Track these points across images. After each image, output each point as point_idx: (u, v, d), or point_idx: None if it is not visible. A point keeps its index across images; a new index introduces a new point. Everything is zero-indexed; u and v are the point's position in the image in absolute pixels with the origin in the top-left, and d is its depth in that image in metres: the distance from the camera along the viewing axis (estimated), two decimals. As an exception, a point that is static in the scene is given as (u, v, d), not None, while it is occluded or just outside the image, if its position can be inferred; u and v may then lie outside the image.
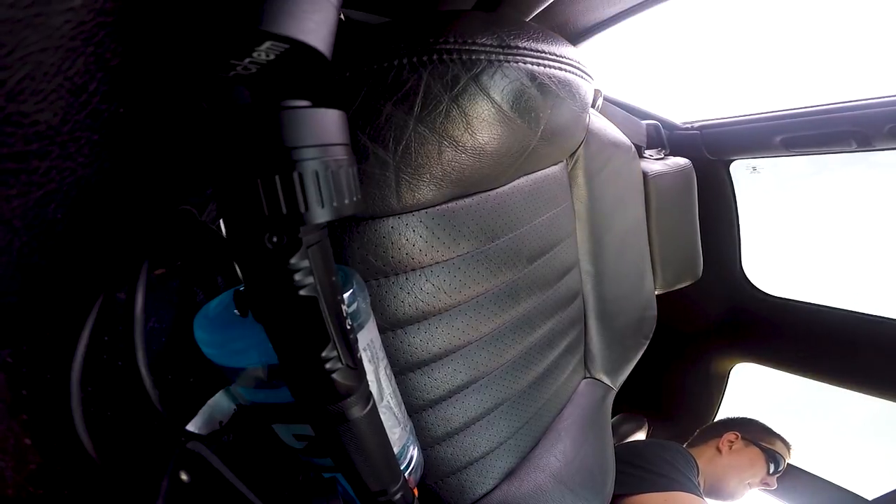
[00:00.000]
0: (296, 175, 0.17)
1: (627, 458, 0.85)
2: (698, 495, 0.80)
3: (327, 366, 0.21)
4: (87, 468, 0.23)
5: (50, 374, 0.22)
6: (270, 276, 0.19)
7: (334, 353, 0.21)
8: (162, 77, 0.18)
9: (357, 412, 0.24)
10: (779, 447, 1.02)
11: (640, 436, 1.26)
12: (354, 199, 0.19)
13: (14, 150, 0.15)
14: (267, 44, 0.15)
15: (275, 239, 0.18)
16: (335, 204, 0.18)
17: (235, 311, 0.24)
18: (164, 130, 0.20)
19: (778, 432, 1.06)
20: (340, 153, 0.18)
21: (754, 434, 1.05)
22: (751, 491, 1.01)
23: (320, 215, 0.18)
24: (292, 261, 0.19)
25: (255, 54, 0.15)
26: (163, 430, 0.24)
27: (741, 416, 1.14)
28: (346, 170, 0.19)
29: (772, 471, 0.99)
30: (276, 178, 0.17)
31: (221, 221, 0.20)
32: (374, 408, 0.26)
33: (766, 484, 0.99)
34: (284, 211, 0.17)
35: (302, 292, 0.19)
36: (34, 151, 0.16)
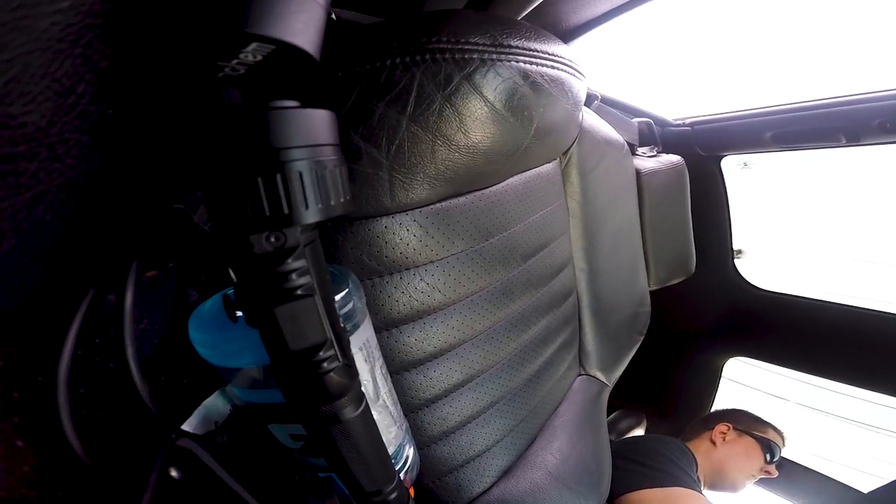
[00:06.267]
0: (286, 174, 0.17)
1: (626, 454, 0.85)
2: (697, 490, 0.80)
3: (324, 365, 0.21)
4: (81, 470, 0.23)
5: (41, 377, 0.22)
6: (266, 277, 0.19)
7: (331, 352, 0.22)
8: (151, 78, 0.18)
9: (350, 413, 0.24)
10: (771, 435, 1.02)
11: (639, 431, 1.27)
12: (344, 199, 0.19)
13: (1, 151, 0.15)
14: (253, 45, 0.15)
15: (272, 239, 0.18)
16: (330, 203, 0.18)
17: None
18: (153, 131, 0.20)
19: (768, 421, 1.07)
20: (329, 153, 0.18)
21: (745, 424, 1.05)
22: (752, 482, 1.01)
23: (310, 215, 0.18)
24: (289, 260, 0.19)
25: (242, 56, 0.15)
26: (155, 430, 0.24)
27: (730, 407, 1.15)
28: (336, 170, 0.19)
29: (768, 459, 0.99)
30: (263, 178, 0.17)
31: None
32: (368, 408, 0.26)
33: (767, 472, 0.99)
34: (286, 210, 0.17)
35: (299, 292, 0.19)
36: (22, 153, 0.16)
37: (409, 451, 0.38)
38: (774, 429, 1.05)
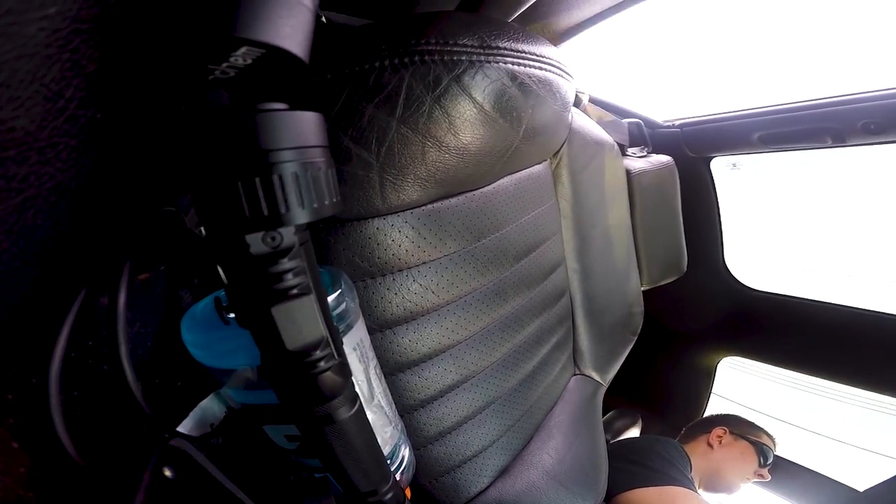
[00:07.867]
0: (281, 175, 0.17)
1: (622, 453, 0.86)
2: (692, 490, 0.81)
3: (321, 364, 0.22)
4: (77, 471, 0.23)
5: (35, 379, 0.22)
6: (262, 278, 0.19)
7: (327, 351, 0.22)
8: (140, 81, 0.19)
9: (344, 413, 0.24)
10: (765, 440, 1.06)
11: (635, 431, 1.28)
12: (333, 200, 0.20)
13: (-9, 156, 0.15)
14: (243, 49, 0.15)
15: (269, 239, 0.18)
16: (324, 203, 0.19)
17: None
18: (143, 134, 0.20)
19: (761, 426, 1.09)
20: (318, 155, 0.19)
21: (741, 428, 1.08)
22: (746, 485, 1.03)
23: (305, 215, 0.18)
24: (284, 260, 0.19)
25: (231, 59, 0.16)
26: (149, 430, 0.24)
27: (724, 412, 1.16)
28: (324, 171, 0.19)
29: (762, 463, 1.02)
30: (260, 178, 0.17)
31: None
32: (362, 409, 0.26)
33: (761, 476, 1.02)
34: (284, 210, 0.17)
35: (295, 291, 0.20)
36: (11, 157, 0.16)
37: (405, 452, 0.38)
38: (767, 434, 1.08)
